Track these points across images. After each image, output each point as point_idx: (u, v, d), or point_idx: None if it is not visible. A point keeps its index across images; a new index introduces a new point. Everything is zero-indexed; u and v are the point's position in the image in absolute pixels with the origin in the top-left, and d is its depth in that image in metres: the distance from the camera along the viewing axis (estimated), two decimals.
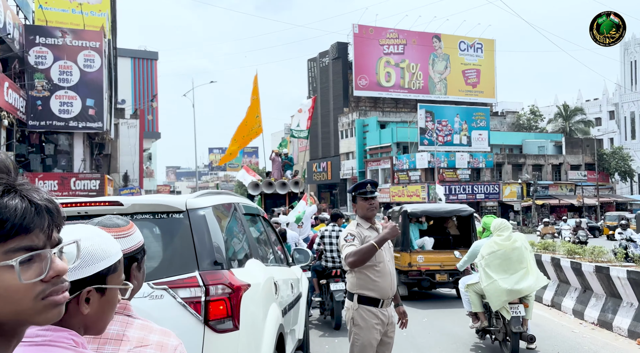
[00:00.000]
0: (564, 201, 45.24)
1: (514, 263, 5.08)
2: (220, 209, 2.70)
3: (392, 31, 53.20)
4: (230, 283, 2.26)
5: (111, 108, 23.18)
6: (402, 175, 43.95)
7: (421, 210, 9.57)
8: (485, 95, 56.73)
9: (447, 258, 8.62)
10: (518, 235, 5.31)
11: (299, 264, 4.58)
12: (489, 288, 5.11)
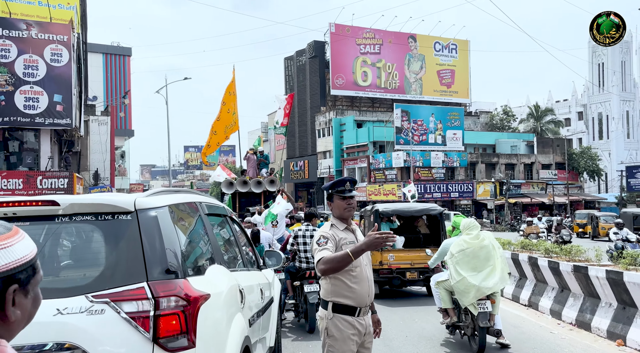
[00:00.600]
0: (535, 199, 46.12)
1: (482, 261, 5.24)
2: (179, 209, 2.41)
3: (368, 31, 53.29)
4: (185, 294, 1.97)
5: (80, 104, 22.41)
6: (378, 174, 44.06)
7: (392, 210, 9.71)
8: (460, 95, 57.41)
9: (418, 257, 8.80)
10: (486, 234, 5.44)
11: (271, 267, 4.32)
12: (459, 285, 5.28)
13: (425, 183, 42.19)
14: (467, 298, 5.24)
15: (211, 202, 3.09)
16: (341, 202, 2.97)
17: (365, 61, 52.84)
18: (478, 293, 5.22)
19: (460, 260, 5.29)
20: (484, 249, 5.26)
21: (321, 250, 2.76)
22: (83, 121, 24.00)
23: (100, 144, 24.66)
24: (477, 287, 5.17)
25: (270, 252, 4.34)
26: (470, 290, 5.20)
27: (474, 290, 5.18)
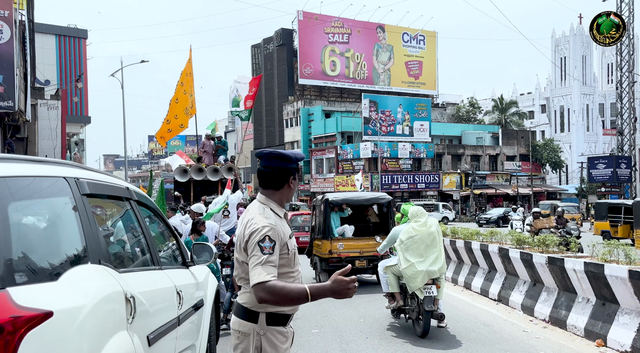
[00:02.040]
0: (500, 191, 46.68)
1: (429, 247, 5.47)
2: (22, 186, 1.65)
3: (337, 19, 52.49)
4: None
5: (26, 86, 20.82)
6: (346, 164, 43.58)
7: (342, 199, 9.81)
8: (427, 86, 57.46)
9: (367, 245, 8.95)
10: (432, 220, 5.69)
11: (202, 264, 3.56)
12: (407, 271, 5.47)
13: (392, 174, 41.97)
14: (415, 283, 5.42)
15: (100, 180, 2.30)
16: (294, 184, 2.28)
17: (333, 51, 52.09)
18: (425, 278, 5.41)
19: (409, 246, 5.48)
20: (431, 235, 5.48)
21: (265, 265, 2.00)
22: (30, 105, 22.39)
23: (50, 129, 23.07)
24: (424, 272, 5.37)
25: (199, 246, 3.57)
26: (417, 275, 5.38)
27: (421, 275, 5.38)
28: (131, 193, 2.73)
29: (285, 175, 2.22)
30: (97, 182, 2.26)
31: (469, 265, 9.02)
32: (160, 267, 2.79)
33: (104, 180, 2.41)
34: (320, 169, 46.76)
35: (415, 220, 5.61)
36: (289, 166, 2.23)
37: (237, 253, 2.18)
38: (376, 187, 40.20)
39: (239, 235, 2.17)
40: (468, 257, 8.98)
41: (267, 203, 2.21)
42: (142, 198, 2.95)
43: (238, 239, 2.17)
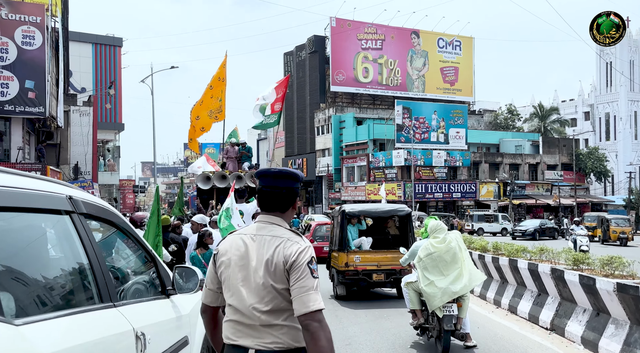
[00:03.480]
0: (540, 201, 44.64)
1: (449, 264, 5.26)
2: None
3: (370, 26, 51.78)
4: None
5: (58, 93, 20.95)
6: (378, 172, 42.58)
7: (359, 210, 9.60)
8: (463, 93, 55.90)
9: (385, 258, 8.74)
10: (453, 235, 5.43)
11: (188, 292, 2.84)
12: (426, 289, 5.30)
13: (426, 182, 40.69)
14: (434, 301, 5.26)
15: (19, 188, 1.62)
16: (296, 206, 2.14)
17: (366, 57, 51.33)
18: (445, 297, 5.22)
19: (427, 264, 5.31)
20: (450, 252, 5.27)
21: (318, 291, 1.88)
22: (63, 111, 22.58)
23: (81, 135, 23.23)
24: (443, 290, 5.20)
25: (182, 269, 2.85)
26: (437, 294, 5.23)
27: (440, 293, 5.22)
28: (76, 204, 2.03)
29: (293, 196, 2.06)
30: (12, 191, 1.57)
31: (514, 286, 8.02)
32: (113, 303, 2.07)
33: (26, 187, 1.71)
34: (352, 176, 45.90)
35: (434, 236, 5.40)
36: (295, 186, 2.07)
37: (270, 280, 1.90)
38: (409, 196, 39.01)
39: (269, 259, 1.91)
40: (513, 277, 7.99)
41: (281, 224, 2.01)
42: (97, 212, 2.24)
43: (266, 263, 1.91)
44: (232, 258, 1.96)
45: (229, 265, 1.96)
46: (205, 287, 2.06)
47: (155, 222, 4.39)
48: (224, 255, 1.99)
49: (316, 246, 13.98)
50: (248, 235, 1.99)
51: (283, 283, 1.89)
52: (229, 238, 2.03)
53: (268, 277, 1.90)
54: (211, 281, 2.04)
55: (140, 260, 2.78)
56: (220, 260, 1.99)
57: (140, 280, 2.71)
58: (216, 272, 2.01)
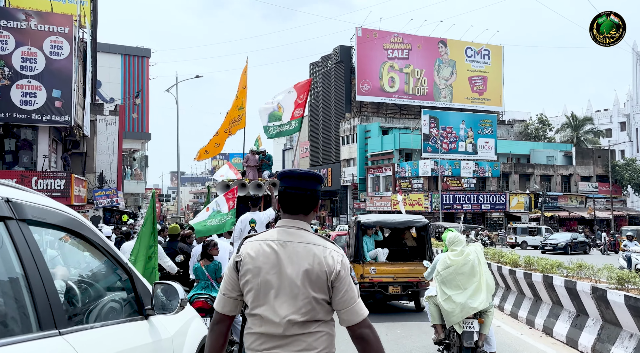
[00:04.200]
0: (574, 213, 43.02)
1: (467, 277, 5.10)
2: None
3: (396, 35, 51.36)
4: None
5: (84, 102, 21.22)
6: (404, 183, 41.83)
7: (374, 221, 9.44)
8: (492, 102, 54.74)
9: (401, 270, 8.60)
10: (472, 248, 5.24)
11: (170, 313, 2.46)
12: (444, 304, 5.18)
13: (454, 193, 39.71)
14: (453, 317, 5.11)
15: None
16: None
17: (392, 66, 50.87)
18: (463, 313, 5.07)
19: (445, 278, 5.17)
20: (468, 264, 5.09)
21: (360, 298, 1.94)
22: (90, 120, 22.86)
23: (107, 144, 23.45)
24: (462, 306, 5.05)
25: (163, 286, 2.47)
26: (455, 309, 5.08)
27: (458, 309, 5.07)
28: (16, 208, 1.68)
29: (316, 199, 2.01)
30: None
31: (549, 305, 7.39)
32: (58, 329, 1.70)
33: None
34: (377, 186, 45.26)
35: (452, 248, 5.23)
36: (318, 188, 2.02)
37: (310, 291, 1.85)
38: (436, 207, 38.11)
39: (308, 270, 1.85)
40: (548, 295, 7.36)
41: (307, 228, 1.97)
42: (51, 218, 1.89)
43: (306, 274, 1.85)
44: (261, 267, 1.86)
45: (257, 274, 1.86)
46: (224, 296, 1.94)
47: (149, 231, 4.05)
48: (250, 262, 1.88)
49: None
50: (275, 241, 1.89)
51: (323, 293, 1.86)
52: (251, 245, 1.92)
53: (308, 288, 1.85)
54: (232, 288, 1.92)
55: (112, 276, 2.41)
56: (246, 267, 1.88)
57: (109, 300, 2.34)
58: (238, 279, 1.90)
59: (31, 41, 17.92)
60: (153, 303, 2.41)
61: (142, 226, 4.11)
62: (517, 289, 8.74)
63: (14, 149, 18.74)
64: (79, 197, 20.17)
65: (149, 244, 4.02)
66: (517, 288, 8.66)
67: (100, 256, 2.34)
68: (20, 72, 17.76)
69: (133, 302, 2.40)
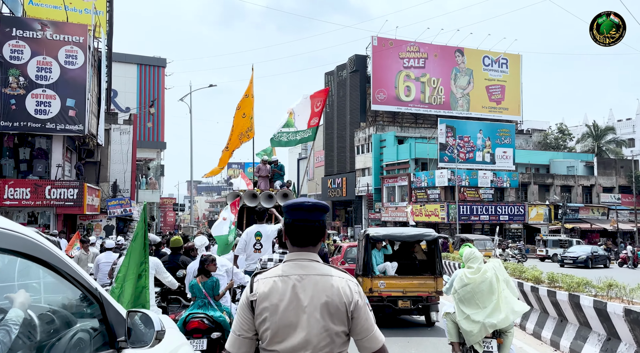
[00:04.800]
0: (596, 225, 41.83)
1: (485, 295, 4.94)
2: None
3: (412, 44, 51.03)
4: None
5: (99, 111, 21.27)
6: (420, 193, 41.21)
7: (383, 234, 9.34)
8: (510, 112, 53.92)
9: (411, 284, 8.49)
10: (489, 265, 5.06)
11: (137, 347, 2.13)
12: (463, 323, 5.03)
13: (471, 204, 38.95)
14: (472, 336, 4.95)
15: None
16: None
17: (408, 75, 50.50)
18: (483, 331, 4.91)
19: (463, 296, 5.02)
20: (486, 282, 4.93)
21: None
22: (104, 129, 22.91)
23: (121, 153, 23.46)
24: (481, 324, 4.88)
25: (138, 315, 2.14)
26: (474, 328, 4.92)
27: (477, 328, 4.90)
28: None
29: (324, 229, 2.00)
30: None
31: (576, 326, 6.89)
32: None
33: None
34: (392, 197, 44.69)
35: (468, 265, 5.08)
36: (324, 218, 2.02)
37: (330, 324, 1.85)
38: (453, 218, 37.40)
39: (328, 302, 1.85)
40: (575, 316, 6.86)
41: (318, 259, 1.96)
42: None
43: (325, 306, 1.84)
44: (278, 304, 1.85)
45: (275, 312, 1.84)
46: (238, 336, 1.89)
47: (140, 246, 3.73)
48: (265, 300, 1.86)
49: (347, 268, 13.26)
50: (291, 276, 1.88)
51: (343, 325, 1.87)
52: (264, 282, 1.89)
53: (328, 321, 1.85)
54: (248, 328, 1.88)
55: (80, 304, 2.09)
56: (262, 306, 1.86)
57: (77, 331, 2.02)
58: (254, 319, 1.87)
59: (46, 51, 18.02)
60: (127, 334, 2.08)
61: (131, 241, 3.78)
62: (539, 307, 8.23)
63: (28, 158, 18.79)
64: (92, 206, 20.12)
65: (139, 261, 3.69)
66: (540, 307, 8.16)
67: (65, 282, 2.02)
68: (35, 82, 17.84)
69: (104, 333, 2.08)
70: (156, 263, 4.99)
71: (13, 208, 17.53)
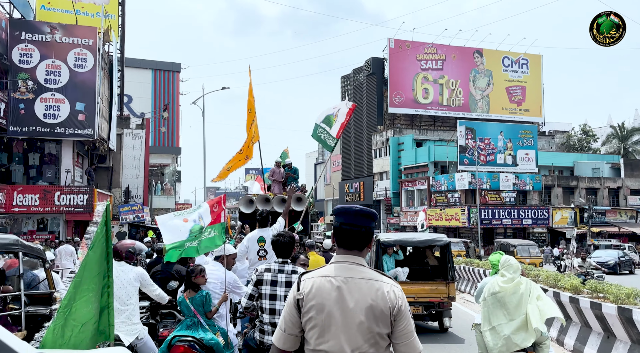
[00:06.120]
0: (624, 229, 40.20)
1: (514, 308, 4.68)
2: None
3: (430, 46, 50.10)
4: None
5: (110, 115, 20.92)
6: (439, 197, 40.14)
7: (394, 240, 9.30)
8: (531, 113, 52.50)
9: (422, 290, 8.41)
10: (525, 279, 4.78)
11: None
12: (488, 335, 4.81)
13: (493, 208, 37.73)
14: (496, 350, 4.70)
15: None
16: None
17: (426, 78, 49.54)
18: (504, 348, 4.65)
19: (491, 304, 4.80)
20: (517, 294, 4.68)
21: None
22: (116, 134, 22.59)
23: (133, 159, 23.09)
24: (505, 339, 4.63)
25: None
26: (497, 342, 4.69)
27: (500, 342, 4.66)
28: None
29: (371, 235, 2.09)
30: None
31: (627, 345, 6.01)
32: None
33: None
34: (411, 201, 43.67)
35: (502, 273, 4.81)
36: (372, 225, 2.11)
37: (374, 326, 1.92)
38: (474, 222, 36.23)
39: (372, 305, 1.93)
40: (625, 332, 5.99)
41: (364, 263, 2.03)
42: None
43: (370, 309, 1.92)
44: (325, 303, 1.93)
45: (321, 310, 1.92)
46: (284, 333, 1.99)
47: (99, 255, 3.00)
48: (313, 299, 1.94)
49: None
50: (336, 277, 1.96)
51: (386, 328, 1.94)
52: (311, 281, 1.98)
53: (373, 323, 1.92)
54: (293, 326, 1.99)
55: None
56: (309, 304, 1.94)
57: None
58: (300, 316, 1.96)
59: (55, 54, 17.72)
60: None
61: (88, 249, 3.04)
62: (580, 321, 7.35)
63: (38, 163, 18.48)
64: None
65: (100, 274, 2.98)
66: (581, 320, 7.28)
67: None
68: (44, 85, 17.55)
69: None
70: (140, 274, 4.32)
71: (22, 214, 17.19)
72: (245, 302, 3.55)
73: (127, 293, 4.19)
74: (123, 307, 4.12)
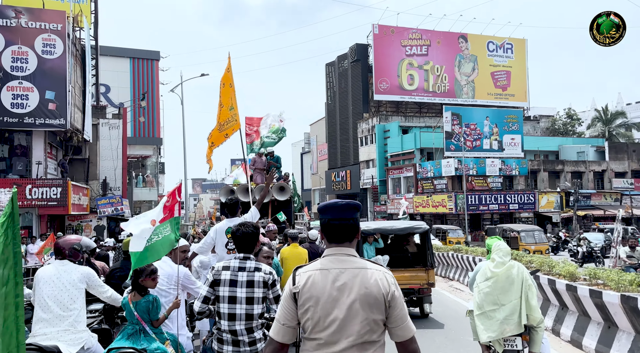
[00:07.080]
0: (609, 212, 40.37)
1: (504, 293, 4.61)
2: None
3: (415, 31, 49.49)
4: None
5: (84, 105, 20.03)
6: (426, 183, 39.87)
7: (374, 228, 9.34)
8: (517, 98, 52.35)
9: (402, 277, 8.47)
10: (516, 263, 4.70)
11: None
12: (478, 319, 4.74)
13: (479, 193, 37.57)
14: (482, 335, 4.62)
15: None
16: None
17: (411, 64, 48.99)
18: (500, 331, 4.54)
19: (482, 290, 4.72)
20: (510, 279, 4.59)
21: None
22: (92, 125, 21.69)
23: (111, 149, 22.23)
24: (500, 323, 4.54)
25: None
26: (489, 326, 4.60)
27: (495, 326, 4.56)
28: None
29: (358, 226, 2.16)
30: None
31: (631, 335, 5.59)
32: None
33: None
34: (398, 188, 43.36)
35: (492, 258, 4.79)
36: (357, 216, 2.17)
37: (370, 313, 2.00)
38: (461, 208, 36.04)
39: (367, 293, 2.00)
40: (629, 322, 5.57)
41: (356, 254, 2.11)
42: None
43: (365, 297, 1.99)
44: (320, 296, 1.98)
45: (316, 303, 1.97)
46: (282, 325, 2.04)
47: (6, 256, 2.32)
48: (308, 292, 2.00)
49: None
50: (331, 269, 2.02)
51: (381, 313, 2.00)
52: (306, 275, 2.03)
53: (368, 310, 1.98)
54: (291, 318, 2.03)
55: None
56: (304, 297, 1.99)
57: None
58: (297, 309, 2.02)
59: (22, 39, 16.77)
60: None
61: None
62: (578, 309, 6.94)
63: (7, 155, 17.59)
64: (80, 206, 18.93)
65: (3, 277, 2.28)
66: (579, 309, 6.87)
67: None
68: (11, 73, 16.61)
69: None
70: (86, 274, 3.72)
71: None
72: (198, 305, 2.99)
73: (70, 296, 3.61)
74: (65, 313, 3.55)
